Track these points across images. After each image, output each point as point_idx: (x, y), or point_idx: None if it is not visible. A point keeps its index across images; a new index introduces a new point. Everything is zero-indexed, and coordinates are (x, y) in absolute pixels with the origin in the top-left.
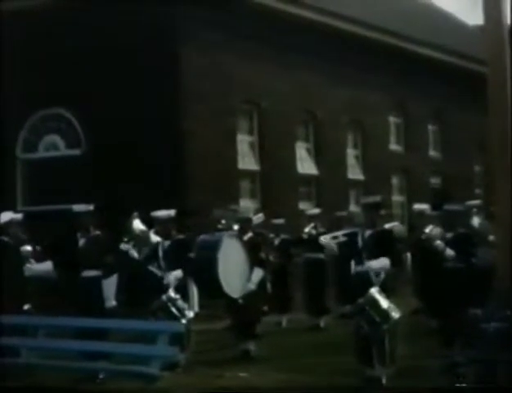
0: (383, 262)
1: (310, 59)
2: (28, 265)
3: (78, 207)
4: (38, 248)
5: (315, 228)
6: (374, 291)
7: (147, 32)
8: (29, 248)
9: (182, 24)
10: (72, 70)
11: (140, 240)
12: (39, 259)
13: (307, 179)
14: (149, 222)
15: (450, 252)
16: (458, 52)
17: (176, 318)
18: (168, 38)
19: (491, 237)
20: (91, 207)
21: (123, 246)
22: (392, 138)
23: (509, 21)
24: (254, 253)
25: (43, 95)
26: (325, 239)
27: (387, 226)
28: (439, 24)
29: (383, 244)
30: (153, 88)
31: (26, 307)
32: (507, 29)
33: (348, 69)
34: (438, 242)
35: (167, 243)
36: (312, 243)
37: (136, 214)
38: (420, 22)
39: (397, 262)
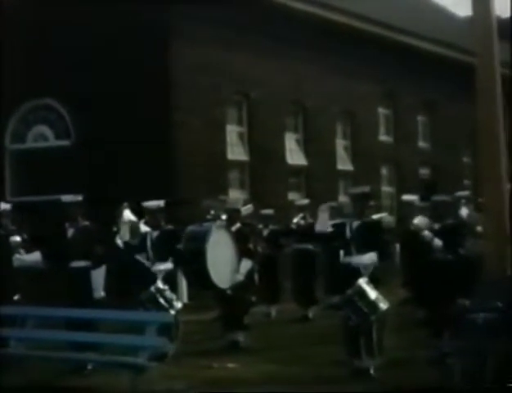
0: (371, 257)
1: (300, 50)
2: (17, 256)
3: (67, 198)
4: (26, 238)
5: (304, 218)
6: (362, 282)
7: (137, 24)
8: (17, 238)
9: (172, 16)
10: (62, 62)
11: (130, 230)
12: (28, 249)
13: (296, 170)
14: (139, 212)
15: (438, 243)
16: (448, 43)
17: (164, 309)
18: (158, 29)
19: (480, 228)
20: (79, 198)
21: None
22: (382, 129)
23: (497, 12)
24: (243, 244)
25: (33, 85)
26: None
27: (375, 217)
28: (429, 16)
29: (371, 235)
30: (143, 80)
31: (15, 297)
32: (495, 20)
33: (338, 59)
34: (427, 233)
35: (155, 233)
36: (301, 234)
37: (126, 204)
38: (411, 13)
39: (385, 253)
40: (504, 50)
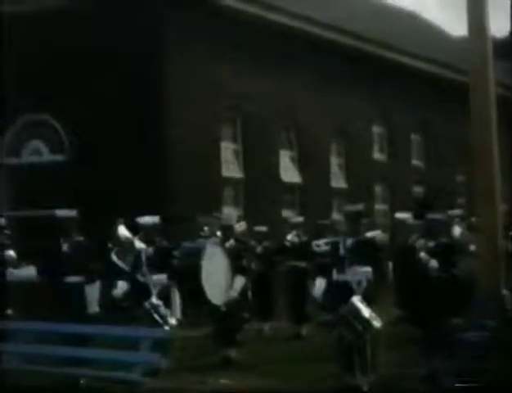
0: (365, 270)
1: (295, 67)
2: (11, 270)
3: (61, 212)
4: (21, 253)
5: (298, 236)
6: (355, 300)
7: (133, 38)
8: (12, 253)
9: (168, 31)
10: (56, 76)
11: (125, 246)
12: (22, 264)
13: (290, 187)
14: (134, 228)
15: (432, 261)
16: (442, 63)
17: (158, 325)
18: (154, 44)
19: (473, 247)
20: (74, 213)
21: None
22: (376, 147)
23: (491, 32)
24: (237, 260)
25: (27, 100)
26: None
27: (369, 234)
28: (425, 35)
29: (365, 252)
30: (138, 95)
31: (8, 312)
32: (490, 40)
33: (333, 78)
34: (420, 251)
35: (150, 250)
36: (295, 251)
37: (121, 220)
38: (406, 33)
39: (378, 270)
40: (498, 69)
